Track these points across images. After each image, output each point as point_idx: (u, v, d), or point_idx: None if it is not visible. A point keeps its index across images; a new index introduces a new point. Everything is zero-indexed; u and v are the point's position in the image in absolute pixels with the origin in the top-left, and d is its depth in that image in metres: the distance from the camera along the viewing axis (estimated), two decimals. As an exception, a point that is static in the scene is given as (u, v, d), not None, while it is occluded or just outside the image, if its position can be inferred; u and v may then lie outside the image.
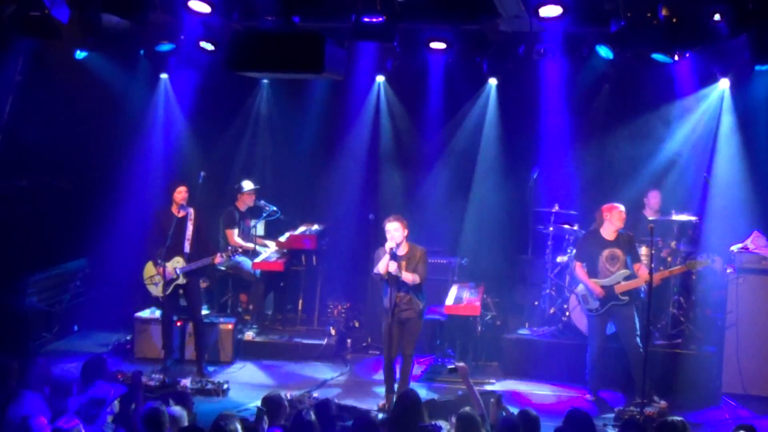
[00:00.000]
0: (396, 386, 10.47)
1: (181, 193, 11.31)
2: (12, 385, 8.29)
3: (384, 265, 10.13)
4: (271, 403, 8.09)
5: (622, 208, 10.75)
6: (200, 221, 11.53)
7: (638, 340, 10.57)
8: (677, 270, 11.02)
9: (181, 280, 11.39)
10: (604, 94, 13.04)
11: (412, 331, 10.46)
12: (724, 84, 12.54)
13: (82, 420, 7.38)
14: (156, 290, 11.43)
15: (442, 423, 7.71)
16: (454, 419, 7.78)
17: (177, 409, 7.43)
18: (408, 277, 10.20)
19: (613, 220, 10.67)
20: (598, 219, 10.94)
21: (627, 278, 10.59)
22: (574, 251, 11.39)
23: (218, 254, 11.40)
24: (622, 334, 10.70)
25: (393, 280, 10.18)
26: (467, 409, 7.77)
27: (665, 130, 13.08)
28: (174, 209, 11.36)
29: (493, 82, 13.28)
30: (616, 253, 10.65)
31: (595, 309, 10.71)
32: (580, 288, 10.88)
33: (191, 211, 11.43)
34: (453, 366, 10.67)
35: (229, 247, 11.72)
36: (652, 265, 10.20)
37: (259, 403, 8.19)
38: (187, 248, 11.38)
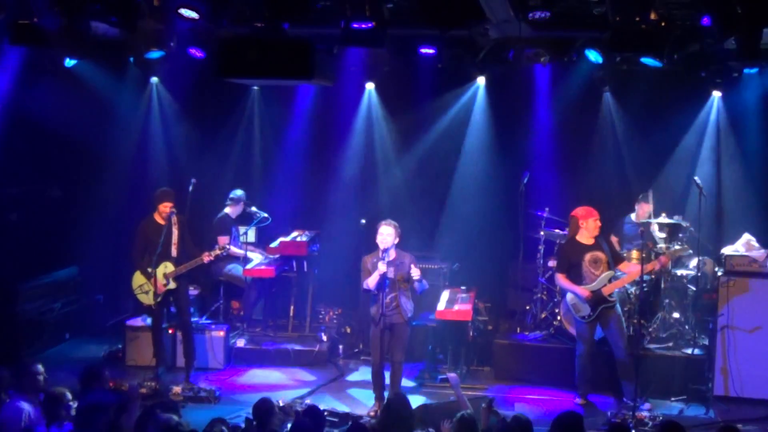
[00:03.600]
0: (386, 393, 10.47)
1: (167, 208, 11.30)
2: (2, 394, 8.32)
3: (374, 277, 10.18)
4: (261, 410, 8.09)
5: (596, 216, 10.74)
6: (183, 224, 11.51)
7: (625, 340, 10.64)
8: (658, 263, 10.92)
9: (172, 285, 11.37)
10: (593, 97, 13.05)
11: (401, 337, 10.47)
12: (715, 88, 12.63)
13: (79, 426, 7.38)
14: (147, 299, 11.39)
15: (432, 430, 7.73)
16: (447, 424, 7.78)
17: (172, 417, 7.40)
18: (416, 272, 10.27)
19: (589, 228, 10.70)
20: (572, 226, 10.93)
21: (612, 279, 10.60)
22: (555, 263, 11.42)
23: (205, 253, 11.35)
24: (612, 338, 10.70)
25: (382, 285, 10.20)
26: (469, 411, 7.78)
27: (656, 133, 13.10)
28: (156, 217, 11.36)
29: (481, 81, 13.28)
30: (598, 256, 10.65)
31: (587, 315, 10.68)
32: (570, 297, 10.85)
33: (174, 216, 11.42)
34: (444, 376, 10.74)
35: (217, 246, 11.63)
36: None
37: (250, 409, 8.19)
38: (174, 253, 11.36)
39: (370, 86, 13.75)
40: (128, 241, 12.45)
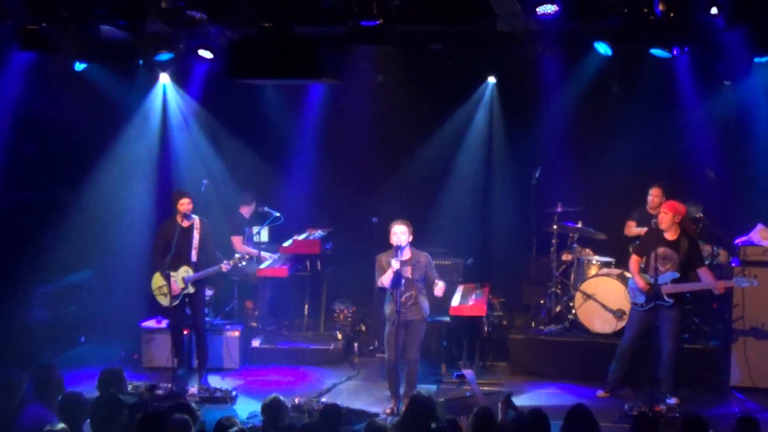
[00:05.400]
0: (402, 390, 10.47)
1: (184, 205, 11.26)
2: (20, 398, 8.35)
3: (388, 274, 10.18)
4: (270, 409, 8.10)
5: (679, 212, 10.58)
6: (206, 230, 11.51)
7: (673, 342, 10.54)
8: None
9: (190, 289, 11.37)
10: (603, 90, 13.00)
11: (417, 333, 10.46)
12: (725, 77, 12.58)
13: (97, 428, 7.41)
14: (165, 300, 11.39)
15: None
16: (465, 419, 7.78)
17: (181, 416, 7.40)
18: (440, 289, 10.34)
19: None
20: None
21: (675, 281, 10.44)
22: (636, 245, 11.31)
23: (225, 262, 11.36)
24: (661, 336, 10.56)
25: (397, 283, 10.19)
26: (485, 406, 7.77)
27: (667, 124, 13.06)
28: (179, 219, 11.35)
29: (492, 80, 13.27)
30: (669, 254, 10.48)
31: (640, 304, 10.64)
32: (631, 281, 10.86)
33: (197, 219, 11.41)
34: (460, 372, 10.71)
35: (237, 255, 11.64)
36: (657, 266, 10.24)
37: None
38: (194, 257, 11.32)
39: (380, 84, 13.73)
40: (142, 243, 12.52)
